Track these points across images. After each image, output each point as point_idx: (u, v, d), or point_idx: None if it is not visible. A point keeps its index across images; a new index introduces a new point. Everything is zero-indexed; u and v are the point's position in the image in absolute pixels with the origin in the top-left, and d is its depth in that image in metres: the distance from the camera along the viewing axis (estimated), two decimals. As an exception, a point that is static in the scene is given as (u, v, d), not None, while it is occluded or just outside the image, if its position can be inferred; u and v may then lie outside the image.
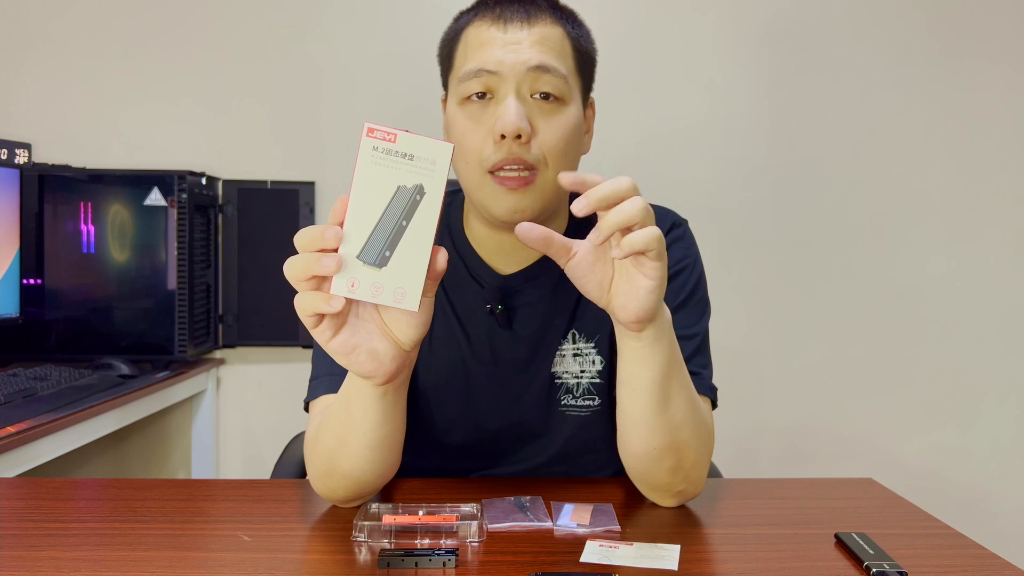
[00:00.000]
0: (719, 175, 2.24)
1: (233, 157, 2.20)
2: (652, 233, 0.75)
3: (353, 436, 0.86)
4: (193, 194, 1.99)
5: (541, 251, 0.80)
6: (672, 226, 1.06)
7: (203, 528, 0.89)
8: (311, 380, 1.02)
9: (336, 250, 0.70)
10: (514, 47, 0.92)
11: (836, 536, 0.85)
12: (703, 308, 1.05)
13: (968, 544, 0.85)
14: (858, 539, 0.83)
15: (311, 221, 2.18)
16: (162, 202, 1.96)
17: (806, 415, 2.28)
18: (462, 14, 1.00)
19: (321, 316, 0.74)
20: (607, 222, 0.75)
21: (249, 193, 2.17)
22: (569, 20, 0.98)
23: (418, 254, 0.71)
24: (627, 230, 0.76)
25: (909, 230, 2.27)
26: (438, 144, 0.70)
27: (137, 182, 1.97)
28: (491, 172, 0.92)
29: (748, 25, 2.23)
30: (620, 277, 0.81)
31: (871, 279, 2.27)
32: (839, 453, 2.27)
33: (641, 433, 0.90)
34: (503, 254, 1.03)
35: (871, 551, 0.80)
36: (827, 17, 2.23)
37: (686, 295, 1.03)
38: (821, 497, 1.03)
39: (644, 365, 0.86)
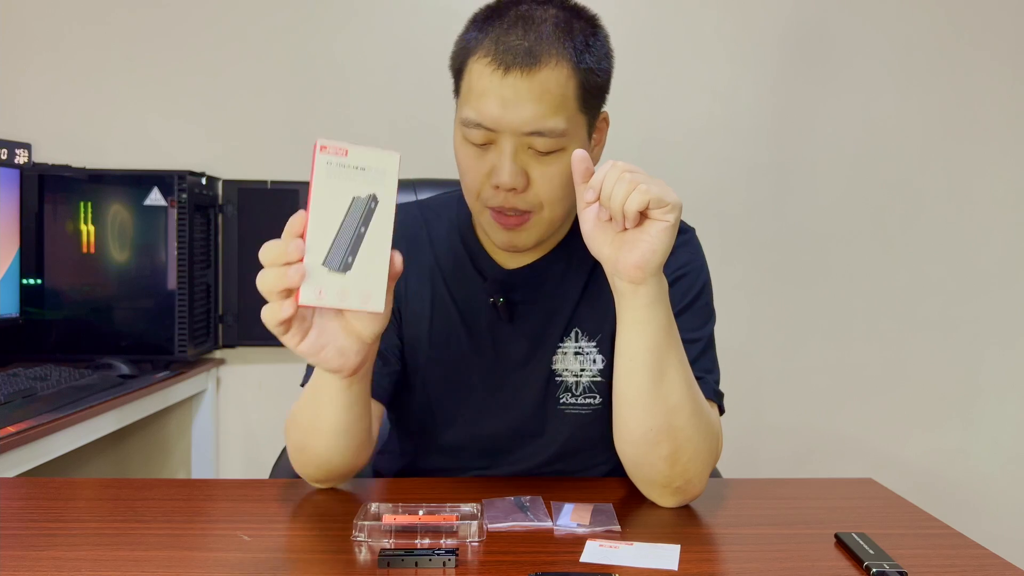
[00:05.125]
0: (720, 176, 2.24)
1: (233, 157, 2.20)
2: (641, 195, 0.81)
3: (322, 422, 0.91)
4: (193, 194, 1.99)
5: (577, 176, 0.87)
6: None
7: (203, 528, 0.89)
8: (307, 364, 1.04)
9: (300, 261, 0.73)
10: (512, 104, 0.90)
11: (836, 536, 0.85)
12: (708, 314, 1.06)
13: (968, 544, 0.85)
14: (858, 539, 0.83)
15: (311, 221, 2.17)
16: (162, 202, 1.96)
17: (806, 415, 2.28)
18: (470, 28, 0.98)
19: (288, 323, 0.77)
20: (607, 208, 0.84)
21: (249, 193, 2.17)
22: (580, 47, 0.93)
23: (378, 257, 0.75)
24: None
25: (909, 230, 2.27)
26: (386, 154, 0.74)
27: (137, 182, 1.97)
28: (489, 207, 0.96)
29: (750, 27, 2.23)
30: (631, 231, 0.86)
31: (871, 279, 2.27)
32: (839, 453, 2.27)
33: (636, 412, 0.91)
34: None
35: (871, 551, 0.80)
36: (828, 19, 2.23)
37: (690, 299, 1.03)
38: (821, 497, 1.03)
39: (641, 330, 0.89)
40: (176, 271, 1.96)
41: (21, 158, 1.87)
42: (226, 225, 2.16)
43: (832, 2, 2.23)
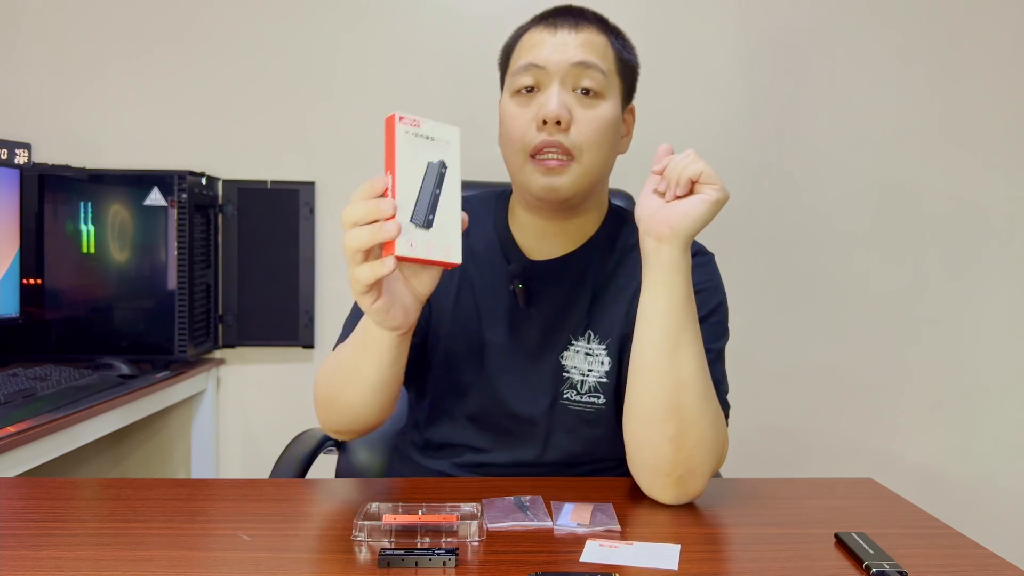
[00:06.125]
0: (720, 176, 2.24)
1: (233, 157, 2.20)
2: (698, 166, 0.92)
3: (364, 376, 0.97)
4: (193, 194, 1.99)
5: (654, 161, 0.95)
6: (696, 253, 1.11)
7: (203, 528, 0.89)
8: (345, 326, 1.12)
9: (393, 217, 0.79)
10: (561, 47, 1.03)
11: (836, 536, 0.85)
12: (721, 331, 1.09)
13: (968, 544, 0.85)
14: (858, 539, 0.83)
15: (311, 221, 2.18)
16: (162, 202, 1.96)
17: (806, 415, 2.28)
18: (520, 27, 1.11)
19: (374, 284, 0.83)
20: (667, 177, 0.94)
21: (249, 193, 2.17)
22: (614, 33, 1.09)
23: (453, 216, 0.83)
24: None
25: (909, 230, 2.27)
26: (449, 127, 0.84)
27: (137, 182, 1.97)
28: (532, 156, 1.02)
29: (748, 27, 2.23)
30: (678, 199, 0.94)
31: (871, 279, 2.27)
32: (839, 453, 2.27)
33: (648, 382, 0.94)
34: (538, 240, 1.11)
35: (871, 551, 0.80)
36: (827, 19, 2.23)
37: (705, 313, 1.06)
38: (821, 497, 1.03)
39: (659, 292, 0.94)
40: (176, 271, 1.96)
41: (21, 158, 1.87)
42: (226, 225, 2.16)
43: (832, 3, 2.23)
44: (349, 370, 0.98)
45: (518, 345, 1.10)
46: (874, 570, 0.76)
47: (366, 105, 2.20)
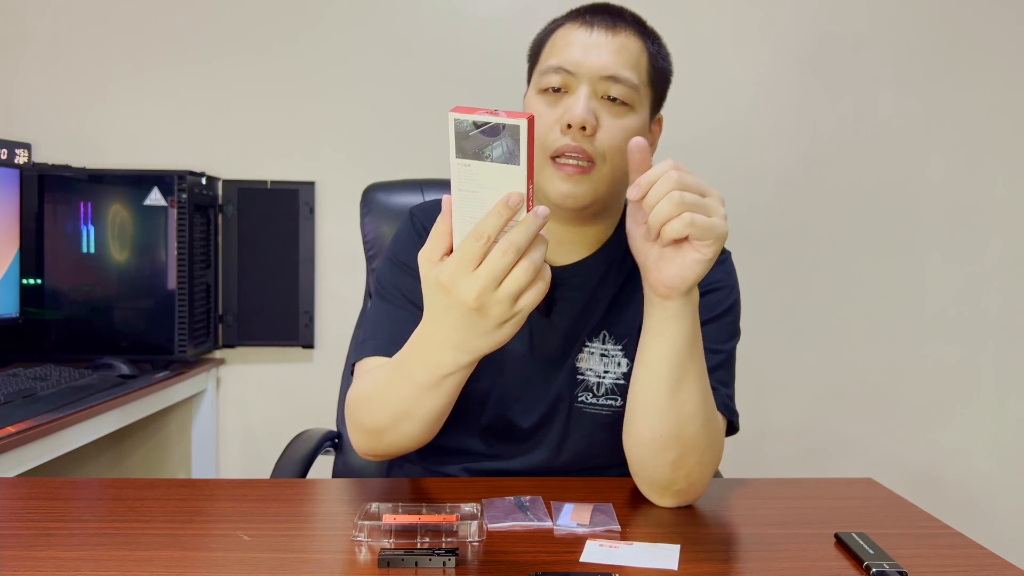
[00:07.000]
0: (720, 176, 2.24)
1: (233, 157, 2.20)
2: (683, 225, 0.79)
3: (429, 406, 0.89)
4: (193, 194, 1.99)
5: (631, 165, 0.87)
6: None
7: (203, 528, 0.89)
8: (359, 342, 1.06)
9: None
10: (594, 50, 0.99)
11: (836, 536, 0.85)
12: (733, 331, 1.08)
13: (968, 544, 0.85)
14: (858, 539, 0.83)
15: (311, 221, 2.18)
16: (162, 202, 1.96)
17: (806, 415, 2.28)
18: (555, 20, 1.07)
19: None
20: (650, 220, 0.81)
21: (249, 193, 2.17)
22: (651, 38, 1.05)
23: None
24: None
25: (909, 230, 2.27)
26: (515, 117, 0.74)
27: (137, 182, 1.97)
28: (553, 158, 0.98)
29: (752, 29, 2.23)
30: (669, 248, 0.85)
31: (872, 279, 2.27)
32: (839, 453, 2.27)
33: (649, 419, 0.92)
34: (556, 245, 1.08)
35: (871, 551, 0.80)
36: (829, 21, 2.23)
37: (718, 313, 1.05)
38: (821, 497, 1.03)
39: (663, 341, 0.90)
40: (176, 271, 1.96)
41: (21, 158, 1.87)
42: (226, 225, 2.16)
43: (832, 3, 2.23)
44: (410, 407, 0.91)
45: (537, 353, 1.08)
46: (874, 570, 0.76)
47: (366, 105, 2.20)
